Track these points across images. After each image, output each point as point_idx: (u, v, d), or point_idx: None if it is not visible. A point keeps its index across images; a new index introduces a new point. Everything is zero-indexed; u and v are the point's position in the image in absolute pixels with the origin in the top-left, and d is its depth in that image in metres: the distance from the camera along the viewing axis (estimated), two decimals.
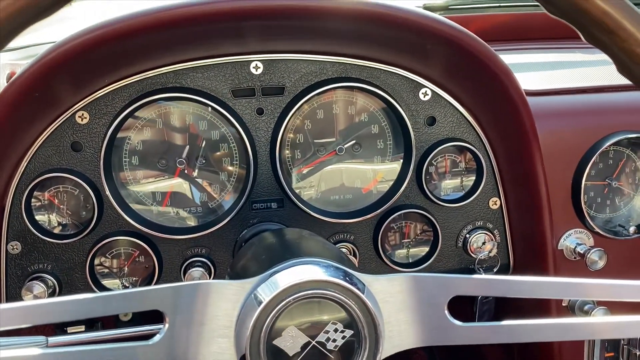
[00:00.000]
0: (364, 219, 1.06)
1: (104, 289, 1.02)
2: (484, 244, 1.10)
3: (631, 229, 1.11)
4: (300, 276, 0.61)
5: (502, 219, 1.10)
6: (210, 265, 1.03)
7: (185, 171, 1.03)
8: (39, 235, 0.98)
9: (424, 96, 1.04)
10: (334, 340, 0.61)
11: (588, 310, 1.06)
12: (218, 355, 0.60)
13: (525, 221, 1.09)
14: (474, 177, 1.09)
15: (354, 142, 1.06)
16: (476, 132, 1.06)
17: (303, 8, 0.87)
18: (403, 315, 0.62)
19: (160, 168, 1.02)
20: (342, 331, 0.61)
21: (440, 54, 0.97)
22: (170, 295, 0.58)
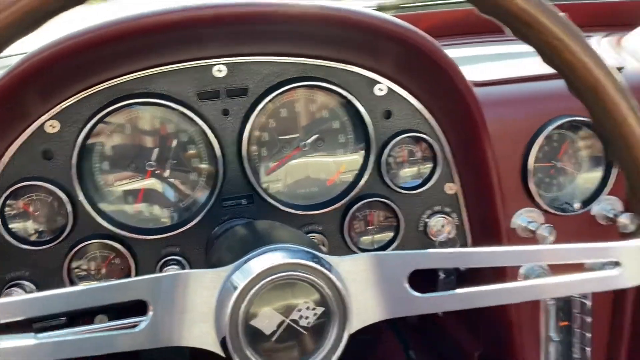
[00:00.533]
0: (331, 209, 1.12)
1: None
2: (443, 227, 1.17)
3: (576, 205, 1.19)
4: (272, 261, 0.66)
5: (458, 203, 1.18)
6: (185, 264, 1.07)
7: (157, 172, 1.07)
8: (14, 243, 1.00)
9: (380, 91, 1.10)
10: (307, 317, 0.67)
11: (541, 277, 1.15)
12: (201, 338, 0.65)
13: (480, 204, 1.16)
14: (430, 165, 1.16)
15: (317, 138, 1.12)
16: (429, 124, 1.13)
17: (255, 13, 0.92)
18: (368, 291, 0.68)
19: (132, 170, 1.06)
20: (314, 309, 0.67)
21: (391, 52, 1.04)
22: (152, 285, 0.63)
